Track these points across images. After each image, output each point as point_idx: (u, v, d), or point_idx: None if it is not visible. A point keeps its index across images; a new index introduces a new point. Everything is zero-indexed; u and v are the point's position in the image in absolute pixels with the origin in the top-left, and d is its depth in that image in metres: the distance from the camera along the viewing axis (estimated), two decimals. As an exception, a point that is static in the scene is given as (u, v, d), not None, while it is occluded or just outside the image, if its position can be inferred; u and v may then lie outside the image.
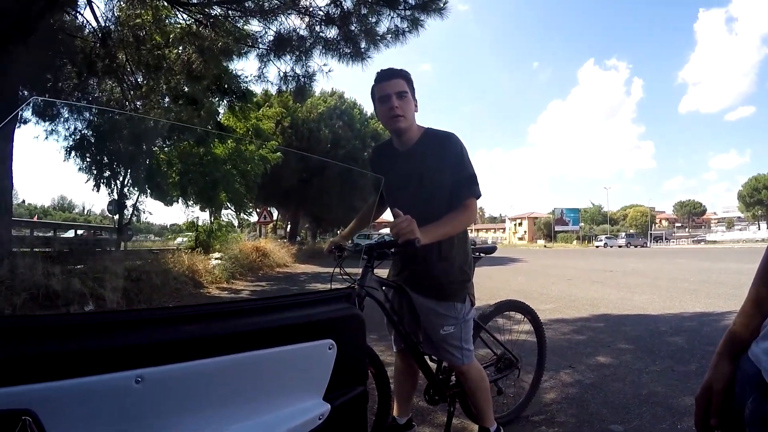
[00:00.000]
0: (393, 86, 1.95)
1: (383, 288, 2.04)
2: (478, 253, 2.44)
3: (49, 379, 0.71)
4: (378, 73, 2.01)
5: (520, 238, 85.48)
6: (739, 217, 77.62)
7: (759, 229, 61.07)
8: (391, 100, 1.93)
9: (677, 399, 3.02)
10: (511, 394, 2.85)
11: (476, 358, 2.16)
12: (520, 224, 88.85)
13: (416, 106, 2.04)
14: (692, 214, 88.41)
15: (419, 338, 2.14)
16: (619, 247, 54.53)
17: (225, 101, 10.98)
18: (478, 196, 1.96)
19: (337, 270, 1.99)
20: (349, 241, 2.35)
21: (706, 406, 0.86)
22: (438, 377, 2.25)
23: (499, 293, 8.57)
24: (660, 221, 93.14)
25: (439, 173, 1.95)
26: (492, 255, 2.76)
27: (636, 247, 53.27)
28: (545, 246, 65.26)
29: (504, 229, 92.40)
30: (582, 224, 77.40)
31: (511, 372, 2.66)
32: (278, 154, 16.76)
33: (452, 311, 2.02)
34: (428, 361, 2.18)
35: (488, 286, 10.07)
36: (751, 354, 0.81)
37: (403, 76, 1.99)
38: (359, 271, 1.84)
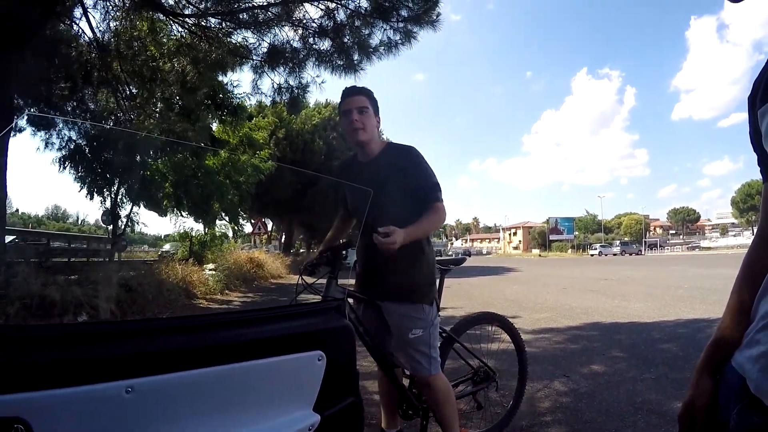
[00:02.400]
0: (355, 102, 2.10)
1: (349, 300, 2.06)
2: (447, 266, 2.52)
3: (41, 388, 0.72)
4: (343, 90, 2.17)
5: (515, 248, 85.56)
6: (733, 223, 77.90)
7: (752, 235, 61.12)
8: (352, 114, 2.08)
9: (672, 406, 3.03)
10: (499, 403, 2.84)
11: (452, 372, 2.20)
12: (515, 234, 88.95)
13: (379, 122, 2.19)
14: (686, 221, 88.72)
15: (388, 349, 2.16)
16: (614, 255, 54.66)
17: (217, 115, 10.99)
18: (442, 200, 2.10)
19: (306, 282, 2.04)
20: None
21: (690, 424, 0.86)
22: (411, 391, 2.26)
23: (493, 303, 8.58)
24: (654, 229, 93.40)
25: (401, 180, 2.06)
26: (485, 265, 2.70)
27: (630, 255, 53.38)
28: (540, 255, 65.38)
29: (498, 238, 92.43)
30: (576, 233, 77.51)
31: (489, 384, 2.62)
32: (271, 163, 16.77)
33: (421, 313, 2.08)
34: (400, 375, 2.21)
35: (482, 295, 10.09)
36: (735, 363, 0.79)
37: (365, 93, 2.14)
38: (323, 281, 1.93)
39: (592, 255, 57.78)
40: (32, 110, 8.98)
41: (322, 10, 7.98)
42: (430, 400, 2.16)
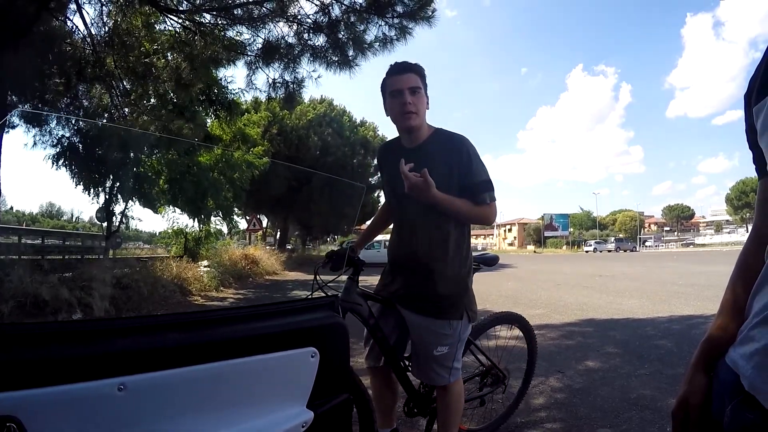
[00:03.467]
0: (406, 81, 1.85)
1: (368, 302, 1.94)
2: (477, 264, 2.29)
3: (33, 386, 0.71)
4: (391, 66, 1.93)
5: (510, 244, 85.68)
6: (727, 220, 78.31)
7: (747, 232, 61.24)
8: (404, 96, 1.84)
9: (666, 402, 3.05)
10: (499, 400, 2.84)
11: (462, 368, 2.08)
12: (510, 230, 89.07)
13: (428, 103, 1.95)
14: (681, 218, 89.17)
15: (403, 357, 2.06)
16: (609, 251, 54.89)
17: (212, 111, 10.95)
18: (494, 200, 1.92)
19: (323, 281, 1.90)
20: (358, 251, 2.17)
21: (683, 419, 0.86)
22: (419, 391, 2.19)
23: (489, 298, 8.60)
24: (649, 225, 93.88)
25: (447, 173, 1.84)
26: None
27: (625, 251, 53.63)
28: (535, 251, 65.52)
29: (493, 234, 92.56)
30: (571, 229, 77.68)
31: (497, 388, 2.57)
32: (265, 159, 16.72)
33: (448, 329, 1.89)
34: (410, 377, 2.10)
35: (477, 291, 10.06)
36: (729, 360, 0.79)
37: (417, 71, 1.90)
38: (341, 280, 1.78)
39: (586, 251, 57.95)
40: (25, 107, 8.90)
41: (317, 5, 7.93)
42: (442, 402, 2.04)
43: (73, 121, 10.03)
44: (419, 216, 1.89)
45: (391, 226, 2.18)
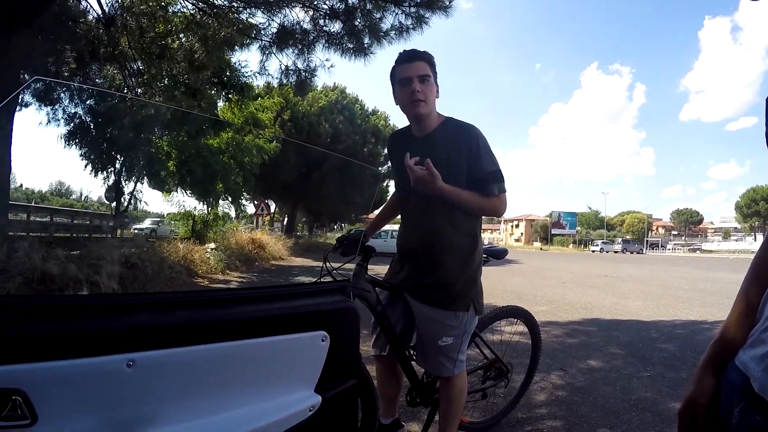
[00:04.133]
0: (415, 69, 1.85)
1: (376, 289, 1.93)
2: (486, 257, 2.30)
3: (41, 360, 0.71)
4: (400, 54, 1.92)
5: (517, 240, 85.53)
6: (735, 228, 77.80)
7: (755, 240, 61.01)
8: (413, 84, 1.83)
9: (666, 405, 3.04)
10: (501, 395, 2.84)
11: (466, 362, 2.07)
12: (517, 226, 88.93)
13: (438, 91, 1.93)
14: (689, 223, 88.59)
15: (408, 346, 2.06)
16: (615, 252, 54.72)
17: (223, 94, 10.96)
18: (504, 191, 1.90)
19: (332, 266, 1.91)
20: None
21: (690, 420, 0.86)
22: (423, 381, 2.19)
23: (493, 293, 8.58)
24: (657, 228, 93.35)
25: (456, 162, 1.83)
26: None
27: (632, 253, 53.41)
28: (541, 248, 65.44)
29: (500, 229, 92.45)
30: (579, 228, 77.52)
31: (500, 381, 2.58)
32: (275, 143, 16.71)
33: (454, 320, 1.89)
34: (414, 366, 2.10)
35: (483, 285, 10.07)
36: (739, 362, 0.80)
37: (426, 59, 1.88)
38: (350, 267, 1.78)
39: (593, 251, 57.77)
40: (39, 78, 8.93)
41: (334, -9, 7.91)
42: (445, 394, 2.05)
43: (87, 97, 10.03)
44: (428, 206, 1.88)
45: (400, 216, 2.17)
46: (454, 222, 1.89)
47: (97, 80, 9.89)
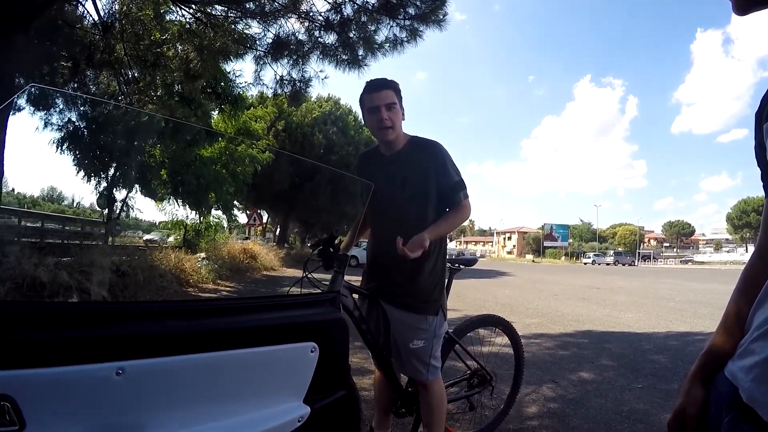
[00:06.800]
0: (383, 98, 1.99)
1: (353, 295, 2.00)
2: (457, 265, 2.46)
3: (30, 367, 0.71)
4: (367, 83, 2.05)
5: (509, 252, 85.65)
6: (727, 239, 78.19)
7: (746, 252, 61.32)
8: (381, 112, 1.97)
9: (658, 417, 3.05)
10: (489, 406, 2.84)
11: (449, 372, 2.14)
12: (509, 238, 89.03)
13: (404, 115, 2.08)
14: (681, 235, 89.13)
15: (389, 351, 2.10)
16: (607, 264, 54.86)
17: (217, 104, 10.98)
18: (468, 197, 2.08)
19: (312, 276, 1.94)
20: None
21: (679, 431, 0.86)
22: (407, 390, 2.22)
23: (485, 305, 8.60)
24: (648, 240, 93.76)
25: (423, 177, 2.02)
26: (479, 268, 2.66)
27: (624, 265, 53.56)
28: (533, 261, 65.57)
29: (493, 242, 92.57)
30: (571, 240, 77.76)
31: (485, 389, 2.60)
32: (268, 153, 16.72)
33: (424, 324, 2.02)
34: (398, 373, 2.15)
35: (474, 298, 10.09)
36: (728, 372, 0.79)
37: (393, 87, 2.02)
38: (329, 277, 1.81)
39: (585, 263, 57.93)
40: (34, 84, 8.92)
41: (329, 3, 7.94)
42: (424, 401, 2.12)
43: (82, 103, 10.01)
44: (396, 218, 2.04)
45: (371, 229, 2.28)
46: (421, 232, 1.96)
47: (92, 87, 9.89)
